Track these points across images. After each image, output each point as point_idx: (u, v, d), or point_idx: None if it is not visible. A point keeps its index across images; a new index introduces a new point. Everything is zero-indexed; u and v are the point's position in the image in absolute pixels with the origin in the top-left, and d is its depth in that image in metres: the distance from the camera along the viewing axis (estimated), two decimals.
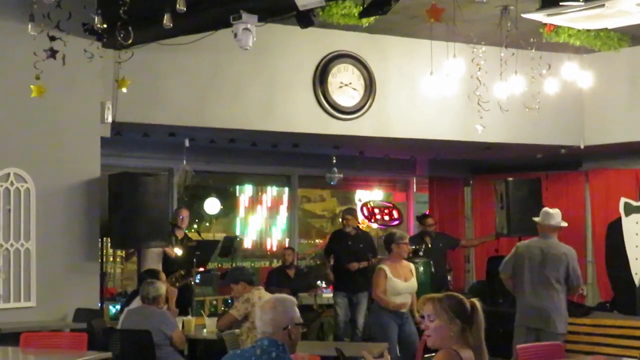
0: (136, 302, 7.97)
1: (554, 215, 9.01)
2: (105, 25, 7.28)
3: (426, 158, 14.81)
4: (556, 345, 6.98)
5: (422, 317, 4.66)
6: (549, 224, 8.93)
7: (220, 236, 13.93)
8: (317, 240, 15.70)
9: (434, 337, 4.50)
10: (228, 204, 14.71)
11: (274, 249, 14.93)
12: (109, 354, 6.99)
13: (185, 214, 11.08)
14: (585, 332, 12.32)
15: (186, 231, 11.97)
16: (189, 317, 8.51)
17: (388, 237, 9.64)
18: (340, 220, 12.74)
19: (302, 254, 14.73)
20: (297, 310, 4.60)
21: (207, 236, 14.22)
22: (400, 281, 9.21)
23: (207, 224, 14.92)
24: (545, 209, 9.25)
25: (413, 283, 9.37)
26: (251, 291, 8.07)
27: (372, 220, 14.58)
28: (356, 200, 15.26)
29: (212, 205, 14.26)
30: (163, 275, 8.78)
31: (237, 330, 7.96)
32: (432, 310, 4.49)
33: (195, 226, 14.12)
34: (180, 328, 8.01)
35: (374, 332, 9.62)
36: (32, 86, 7.27)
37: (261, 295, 8.00)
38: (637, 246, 12.10)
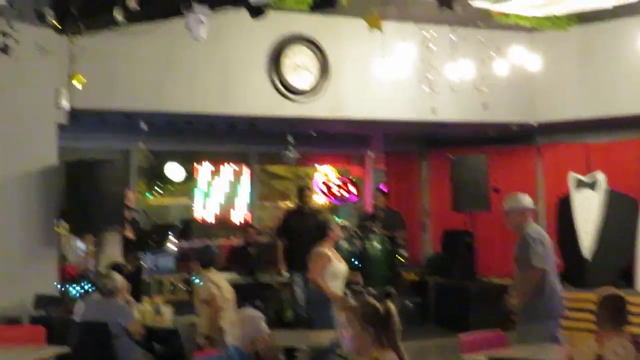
0: (95, 294, 8.09)
1: (526, 196, 8.49)
2: (56, 23, 7.34)
3: (381, 133, 14.95)
4: (498, 334, 7.17)
5: None
6: (531, 207, 8.44)
7: (183, 201, 14.15)
8: (279, 203, 15.80)
9: (351, 346, 4.61)
10: (187, 183, 14.80)
11: (236, 223, 15.02)
12: (66, 349, 7.14)
13: (131, 195, 11.23)
14: None
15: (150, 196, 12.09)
16: (145, 305, 8.65)
17: (321, 223, 9.67)
18: (297, 196, 12.86)
19: (262, 226, 14.89)
20: (264, 324, 4.84)
21: (170, 201, 14.42)
22: (341, 264, 9.27)
23: (172, 188, 14.94)
24: (514, 194, 8.63)
25: (346, 266, 9.43)
26: (203, 274, 8.47)
27: (330, 196, 14.75)
28: (314, 175, 15.41)
29: (174, 171, 14.40)
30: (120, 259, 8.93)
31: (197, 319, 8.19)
32: (346, 319, 4.61)
33: (160, 190, 14.31)
34: (137, 317, 8.14)
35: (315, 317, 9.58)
36: None
37: (212, 279, 8.40)
38: (586, 220, 12.38)
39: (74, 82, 9.00)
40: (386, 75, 10.53)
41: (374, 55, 10.47)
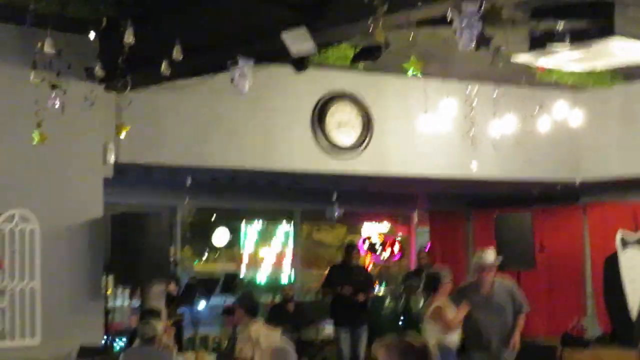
0: (137, 342, 8.13)
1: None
2: (104, 75, 7.55)
3: (425, 192, 14.97)
4: None
5: None
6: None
7: (228, 267, 14.19)
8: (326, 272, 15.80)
9: None
10: (233, 239, 14.91)
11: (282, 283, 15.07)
12: None
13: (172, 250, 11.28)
14: None
15: (195, 262, 12.19)
16: (190, 353, 8.66)
17: (433, 276, 9.74)
18: (344, 253, 12.88)
19: (307, 287, 14.91)
20: (295, 357, 4.75)
21: (214, 267, 14.48)
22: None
23: (216, 256, 15.02)
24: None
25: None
26: (247, 324, 8.30)
27: (373, 254, 14.76)
28: (362, 232, 15.45)
29: (220, 236, 14.51)
30: (163, 313, 8.94)
31: None
32: (384, 358, 4.48)
33: (204, 258, 14.40)
34: None
35: None
36: (33, 134, 7.50)
37: (258, 330, 8.19)
38: (633, 280, 12.26)
39: (122, 133, 9.17)
40: (429, 132, 10.56)
41: (416, 111, 10.51)
